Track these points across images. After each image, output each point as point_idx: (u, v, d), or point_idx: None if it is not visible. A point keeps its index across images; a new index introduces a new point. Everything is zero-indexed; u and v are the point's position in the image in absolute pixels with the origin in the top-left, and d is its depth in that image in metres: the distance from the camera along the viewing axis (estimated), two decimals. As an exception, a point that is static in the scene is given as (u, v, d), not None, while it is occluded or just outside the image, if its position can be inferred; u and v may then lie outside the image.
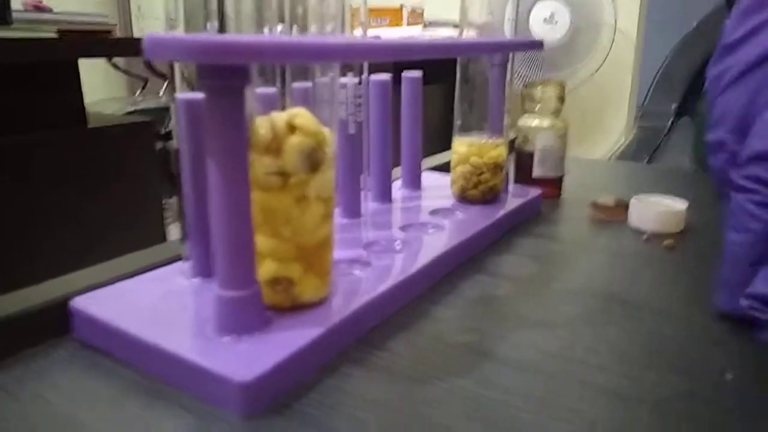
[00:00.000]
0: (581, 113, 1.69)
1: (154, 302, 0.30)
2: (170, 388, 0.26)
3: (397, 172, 0.51)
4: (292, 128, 0.28)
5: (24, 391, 0.26)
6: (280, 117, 0.29)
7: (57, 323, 0.30)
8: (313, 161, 0.29)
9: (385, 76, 0.45)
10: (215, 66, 0.24)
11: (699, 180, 0.63)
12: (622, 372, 0.28)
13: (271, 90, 0.32)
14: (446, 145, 0.52)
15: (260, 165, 0.28)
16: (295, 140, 0.28)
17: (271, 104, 0.32)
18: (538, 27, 1.74)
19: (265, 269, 0.29)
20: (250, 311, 0.27)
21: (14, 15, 0.95)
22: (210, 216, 0.26)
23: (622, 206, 0.50)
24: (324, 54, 0.28)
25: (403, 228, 0.42)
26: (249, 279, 0.27)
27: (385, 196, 0.46)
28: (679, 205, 0.48)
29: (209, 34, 0.25)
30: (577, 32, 1.65)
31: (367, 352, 0.29)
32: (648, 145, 1.32)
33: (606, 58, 1.59)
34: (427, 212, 0.45)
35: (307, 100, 0.34)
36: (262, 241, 0.29)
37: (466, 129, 0.48)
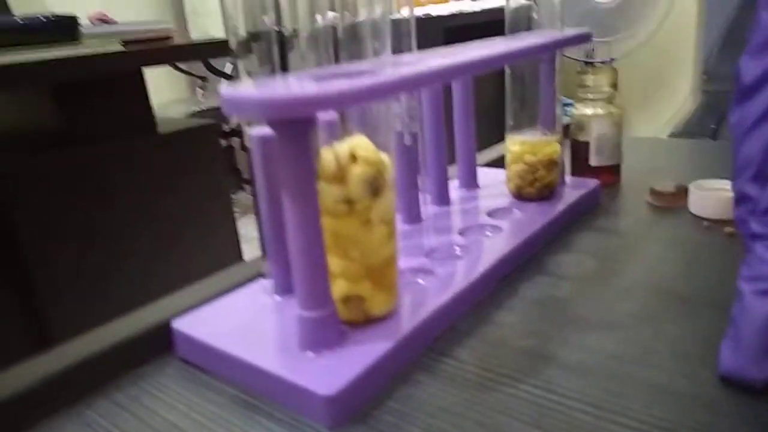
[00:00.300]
0: (641, 79, 1.62)
1: (243, 320, 0.34)
2: (264, 402, 0.29)
3: (451, 169, 0.52)
4: (354, 158, 0.31)
5: (138, 408, 0.30)
6: (342, 148, 0.31)
7: (161, 343, 0.34)
8: (374, 188, 0.31)
9: (437, 82, 0.46)
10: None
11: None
12: (680, 371, 0.29)
13: (332, 115, 0.35)
14: (499, 129, 0.52)
15: (328, 194, 0.31)
16: (358, 170, 0.31)
17: (332, 129, 0.35)
18: (591, -10, 1.68)
19: (338, 288, 0.32)
20: (329, 329, 0.30)
21: (81, 30, 1.02)
22: (287, 242, 0.29)
23: (682, 191, 0.50)
24: (388, 91, 0.31)
25: (462, 232, 0.43)
26: (326, 299, 0.30)
27: (443, 198, 0.48)
28: (742, 189, 0.47)
29: (278, 88, 0.28)
30: (634, -9, 1.58)
31: (436, 359, 0.32)
32: (714, 112, 1.26)
33: (666, 16, 1.52)
34: (485, 213, 0.47)
35: (364, 120, 0.37)
36: (333, 263, 0.31)
37: (518, 127, 0.49)
